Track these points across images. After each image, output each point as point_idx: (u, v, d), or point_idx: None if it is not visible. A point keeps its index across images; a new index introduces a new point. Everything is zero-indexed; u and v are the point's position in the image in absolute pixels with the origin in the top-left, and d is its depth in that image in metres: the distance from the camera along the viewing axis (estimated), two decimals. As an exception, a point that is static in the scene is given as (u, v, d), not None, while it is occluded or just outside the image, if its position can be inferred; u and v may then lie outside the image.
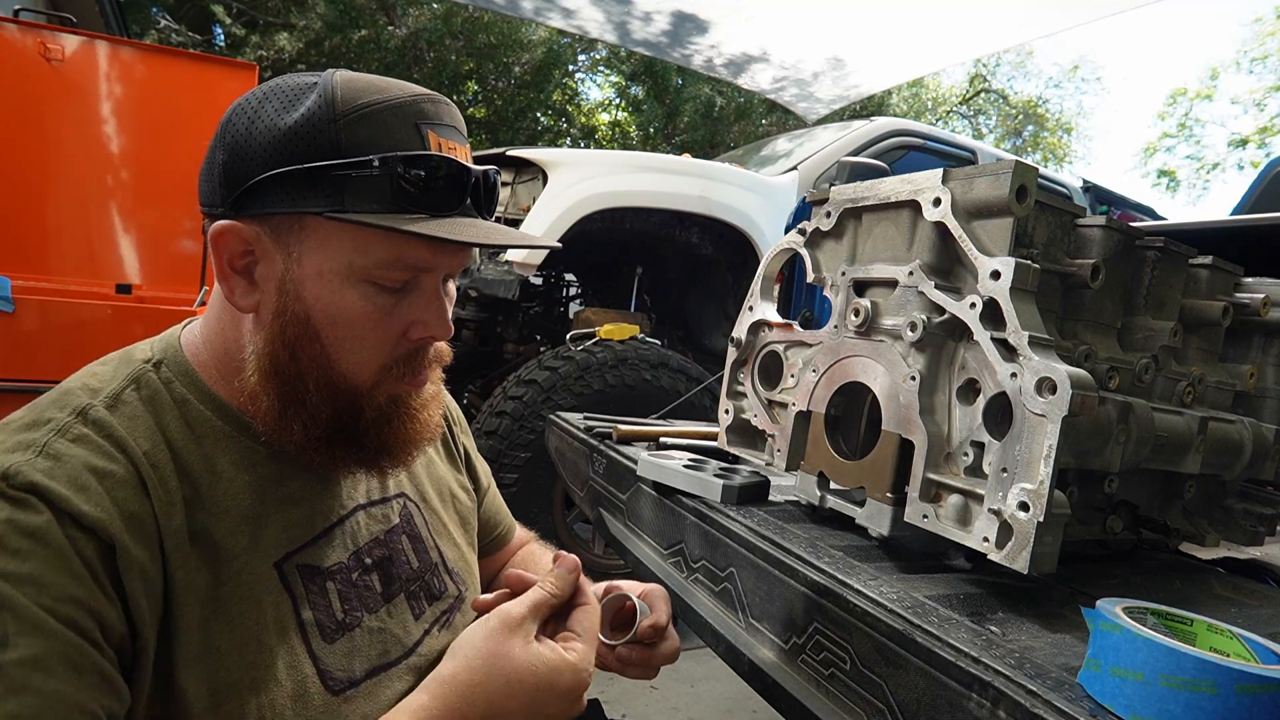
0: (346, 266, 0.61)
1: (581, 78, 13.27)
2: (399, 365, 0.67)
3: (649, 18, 6.03)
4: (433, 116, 0.64)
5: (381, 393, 0.67)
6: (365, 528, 0.74)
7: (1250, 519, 1.00)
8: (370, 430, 0.67)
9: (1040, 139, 17.63)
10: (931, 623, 0.62)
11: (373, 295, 0.63)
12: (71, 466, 0.55)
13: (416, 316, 0.66)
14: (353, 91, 0.61)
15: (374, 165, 0.59)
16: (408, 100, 0.63)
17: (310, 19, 9.59)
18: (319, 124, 0.59)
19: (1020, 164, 0.73)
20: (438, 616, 0.78)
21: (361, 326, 0.63)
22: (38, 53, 2.94)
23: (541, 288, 3.62)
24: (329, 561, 0.69)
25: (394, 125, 0.61)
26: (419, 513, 0.82)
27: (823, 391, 0.91)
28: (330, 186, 0.59)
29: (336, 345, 0.64)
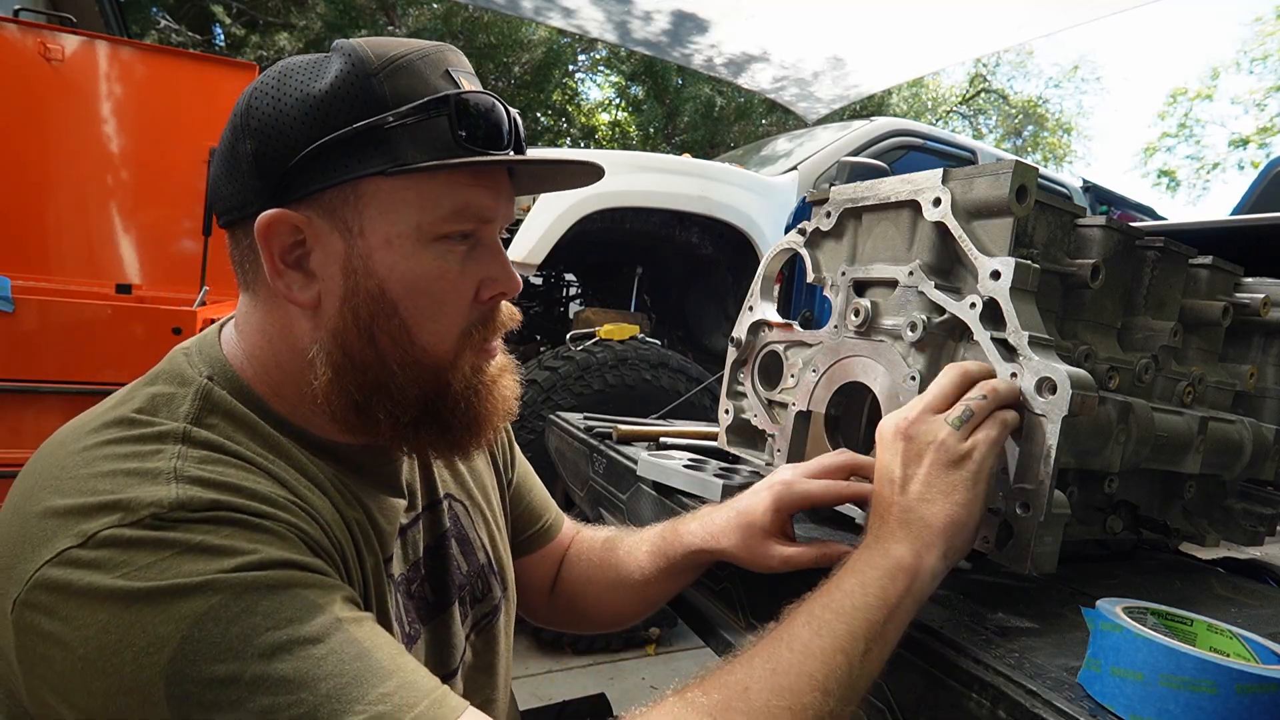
0: (415, 227, 0.58)
1: (581, 78, 13.28)
2: (476, 329, 0.64)
3: (649, 17, 6.03)
4: (456, 64, 0.63)
5: (465, 363, 0.64)
6: (422, 536, 0.73)
7: (1250, 519, 1.00)
8: (459, 406, 0.64)
9: (1040, 139, 17.64)
10: (931, 623, 0.62)
11: (445, 254, 0.60)
12: (226, 482, 0.52)
13: (485, 273, 0.63)
14: (378, 46, 0.59)
15: (430, 110, 0.57)
16: (432, 50, 0.61)
17: (310, 19, 9.60)
18: (359, 81, 0.57)
19: (1020, 164, 0.73)
20: (478, 620, 0.77)
21: (441, 289, 0.61)
22: (38, 53, 2.94)
23: (541, 288, 3.62)
24: (398, 573, 0.67)
25: (429, 74, 0.59)
26: (465, 512, 0.80)
27: (823, 391, 0.91)
28: (385, 143, 0.57)
29: (416, 315, 0.60)
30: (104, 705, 0.46)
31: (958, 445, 0.62)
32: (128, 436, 0.54)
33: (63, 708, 0.47)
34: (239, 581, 0.47)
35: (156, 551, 0.47)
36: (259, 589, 0.48)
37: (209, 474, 0.52)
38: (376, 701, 0.46)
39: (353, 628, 0.50)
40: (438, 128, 0.58)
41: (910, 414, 0.65)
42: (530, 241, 2.57)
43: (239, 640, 0.46)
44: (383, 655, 0.49)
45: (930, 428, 0.63)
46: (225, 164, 0.60)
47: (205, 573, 0.47)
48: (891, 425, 0.66)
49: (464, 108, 0.59)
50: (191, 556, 0.47)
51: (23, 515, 0.50)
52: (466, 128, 0.59)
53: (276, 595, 0.48)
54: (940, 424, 0.63)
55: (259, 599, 0.47)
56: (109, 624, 0.45)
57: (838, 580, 0.58)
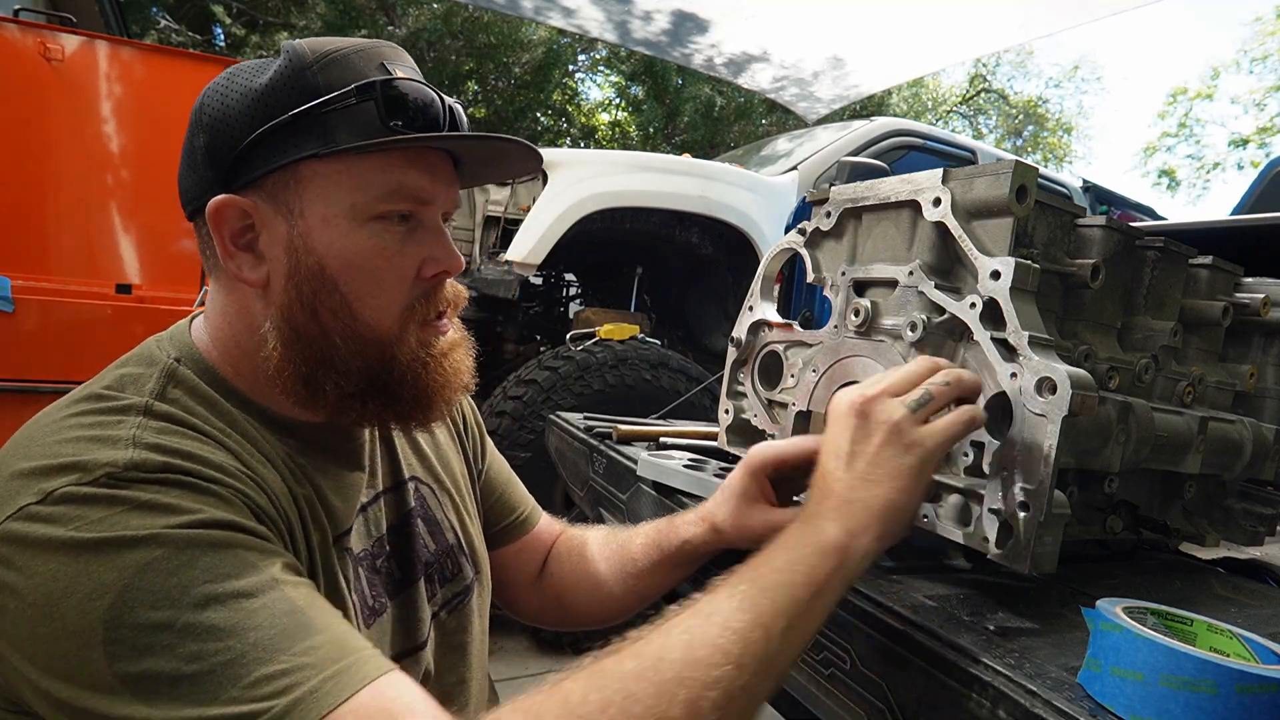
0: (350, 207, 0.62)
1: (581, 78, 13.28)
2: (419, 305, 0.67)
3: (649, 17, 6.04)
4: (393, 58, 0.66)
5: (410, 337, 0.66)
6: (385, 514, 0.75)
7: (1250, 519, 1.00)
8: (406, 379, 0.67)
9: (1040, 139, 17.64)
10: (931, 623, 0.62)
11: (381, 233, 0.63)
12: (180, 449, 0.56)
13: (426, 253, 0.66)
14: (317, 44, 0.64)
15: (355, 95, 0.61)
16: (369, 46, 0.65)
17: (310, 19, 9.60)
18: (294, 74, 0.61)
19: (1020, 164, 0.73)
20: (449, 599, 0.79)
21: (377, 266, 0.63)
22: (38, 53, 2.94)
23: (541, 288, 3.62)
24: (359, 548, 0.70)
25: (363, 65, 0.63)
26: (433, 495, 0.82)
27: (823, 391, 0.91)
28: (318, 128, 0.61)
29: (356, 291, 0.63)
30: (48, 651, 0.48)
31: (912, 429, 0.61)
32: (94, 409, 0.58)
33: (14, 657, 0.49)
34: (183, 537, 0.50)
35: (109, 507, 0.50)
36: (201, 545, 0.51)
37: (165, 442, 0.55)
38: (302, 654, 0.48)
39: (289, 589, 0.52)
40: (368, 112, 0.61)
41: (868, 391, 0.64)
42: (530, 241, 2.57)
43: (176, 590, 0.48)
44: (315, 614, 0.51)
45: (886, 407, 0.62)
46: (185, 158, 0.66)
47: (151, 527, 0.50)
48: (846, 400, 0.64)
49: (391, 92, 0.62)
50: (140, 513, 0.50)
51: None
52: (394, 111, 0.62)
53: (217, 553, 0.51)
54: (897, 405, 0.62)
55: (200, 554, 0.50)
56: (58, 572, 0.48)
57: (769, 554, 0.58)
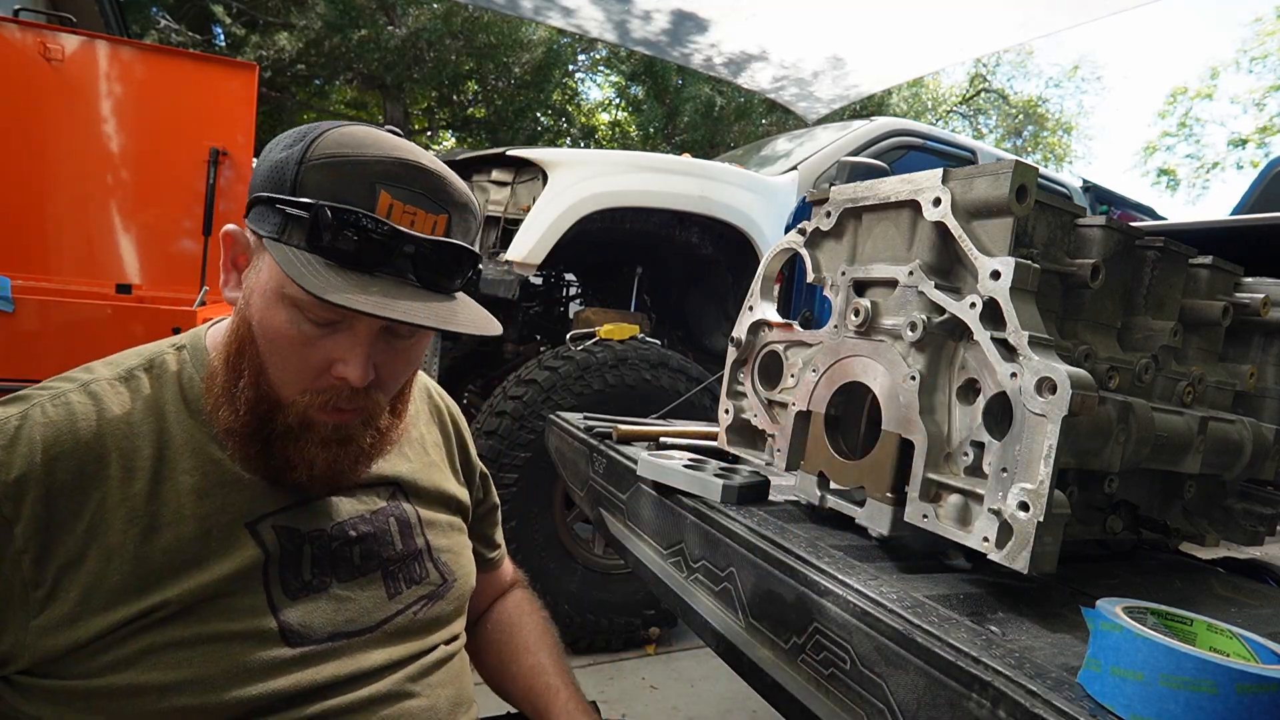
0: (278, 289, 0.67)
1: (581, 78, 13.28)
2: (317, 394, 0.70)
3: (648, 16, 6.03)
4: (399, 179, 0.68)
5: (294, 411, 0.70)
6: (349, 506, 0.80)
7: (1250, 519, 1.00)
8: (278, 441, 0.71)
9: (1040, 139, 17.63)
10: (931, 623, 0.62)
11: (299, 322, 0.67)
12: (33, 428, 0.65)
13: (339, 355, 0.69)
14: (333, 143, 0.67)
15: (304, 208, 0.65)
16: (376, 160, 0.67)
17: (310, 19, 9.59)
18: (289, 164, 0.67)
19: (1020, 164, 0.73)
20: (418, 599, 0.82)
21: (284, 346, 0.68)
22: (38, 53, 2.94)
23: (541, 288, 3.61)
24: (308, 526, 0.75)
25: (350, 178, 0.66)
26: (409, 503, 0.86)
27: (823, 391, 0.91)
28: (279, 218, 0.66)
29: (266, 356, 0.69)
30: None
31: None
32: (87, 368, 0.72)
33: None
34: None
35: None
36: None
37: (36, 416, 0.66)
38: None
39: None
40: (307, 226, 0.65)
41: None
42: (530, 241, 2.57)
43: None
44: None
45: None
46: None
47: None
48: None
49: (335, 217, 0.64)
50: None
51: None
52: (327, 241, 0.65)
53: None
54: None
55: None
56: None
57: None
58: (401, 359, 0.74)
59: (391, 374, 0.74)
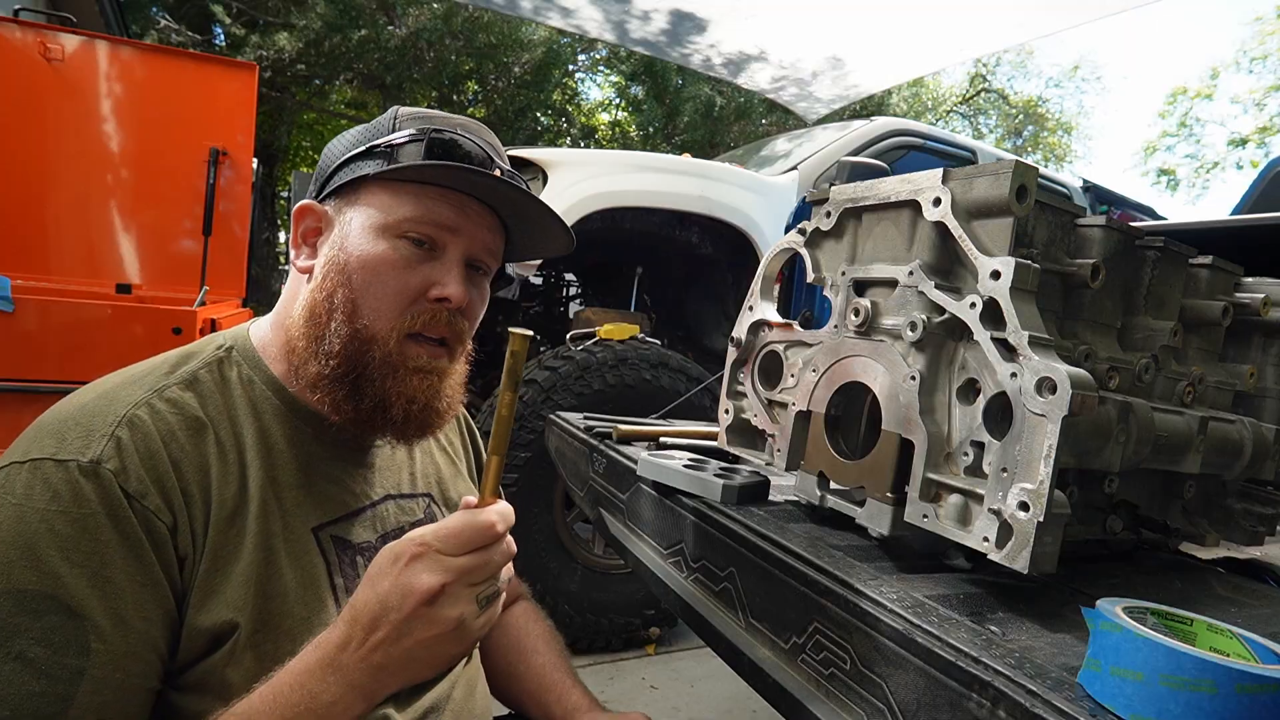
0: (381, 222, 0.73)
1: (581, 78, 13.28)
2: (414, 319, 0.74)
3: (647, 16, 6.04)
4: (474, 131, 0.79)
5: (392, 340, 0.73)
6: (394, 516, 0.82)
7: (1250, 519, 1.00)
8: (375, 378, 0.73)
9: (1040, 139, 17.63)
10: (931, 623, 0.62)
11: (400, 247, 0.73)
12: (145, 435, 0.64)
13: (436, 277, 0.74)
14: (414, 110, 0.79)
15: (414, 134, 0.75)
16: (454, 119, 0.78)
17: (310, 19, 9.58)
18: (383, 123, 0.78)
19: (1020, 164, 0.73)
20: None
21: (385, 271, 0.72)
22: (38, 53, 2.94)
23: (541, 288, 3.61)
24: (359, 539, 0.77)
25: (438, 123, 0.77)
26: (442, 514, 0.88)
27: (823, 391, 0.91)
28: (382, 158, 0.74)
29: (362, 289, 0.72)
30: None
31: (473, 622, 0.65)
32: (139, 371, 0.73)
33: None
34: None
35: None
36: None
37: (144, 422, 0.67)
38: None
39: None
40: (417, 149, 0.74)
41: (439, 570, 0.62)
42: (530, 241, 2.57)
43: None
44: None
45: (458, 601, 0.63)
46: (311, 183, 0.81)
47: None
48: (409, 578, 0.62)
49: (438, 137, 0.74)
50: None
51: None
52: (436, 152, 0.74)
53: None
54: (469, 602, 0.64)
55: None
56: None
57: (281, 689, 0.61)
58: (479, 294, 0.80)
59: (473, 307, 0.79)
